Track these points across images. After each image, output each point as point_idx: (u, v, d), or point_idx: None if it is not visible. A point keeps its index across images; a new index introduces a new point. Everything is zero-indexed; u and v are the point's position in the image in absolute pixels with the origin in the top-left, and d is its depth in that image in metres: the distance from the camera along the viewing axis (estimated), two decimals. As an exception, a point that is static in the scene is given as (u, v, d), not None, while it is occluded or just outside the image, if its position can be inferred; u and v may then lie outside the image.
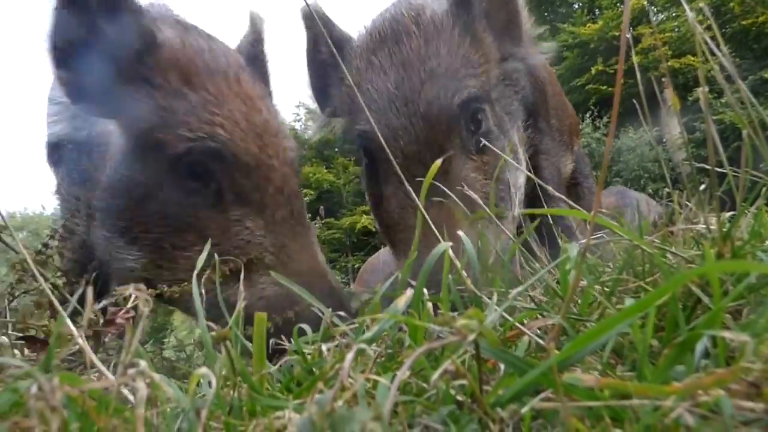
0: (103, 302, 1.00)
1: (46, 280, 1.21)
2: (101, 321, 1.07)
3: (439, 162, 1.03)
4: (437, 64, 1.51)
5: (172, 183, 1.32)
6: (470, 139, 1.53)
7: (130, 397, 0.65)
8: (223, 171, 1.32)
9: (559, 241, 1.25)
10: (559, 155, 2.25)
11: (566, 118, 2.48)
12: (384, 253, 3.87)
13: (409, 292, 0.69)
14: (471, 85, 1.54)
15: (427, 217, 1.01)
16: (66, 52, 1.30)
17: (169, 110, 1.31)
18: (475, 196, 1.19)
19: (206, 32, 1.56)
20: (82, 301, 1.32)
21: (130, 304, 0.67)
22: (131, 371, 0.48)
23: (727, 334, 0.52)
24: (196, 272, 0.86)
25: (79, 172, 1.52)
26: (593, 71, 15.89)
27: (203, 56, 1.40)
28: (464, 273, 0.82)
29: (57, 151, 1.62)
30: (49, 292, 1.05)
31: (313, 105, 1.96)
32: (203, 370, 0.50)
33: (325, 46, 1.76)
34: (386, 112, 1.49)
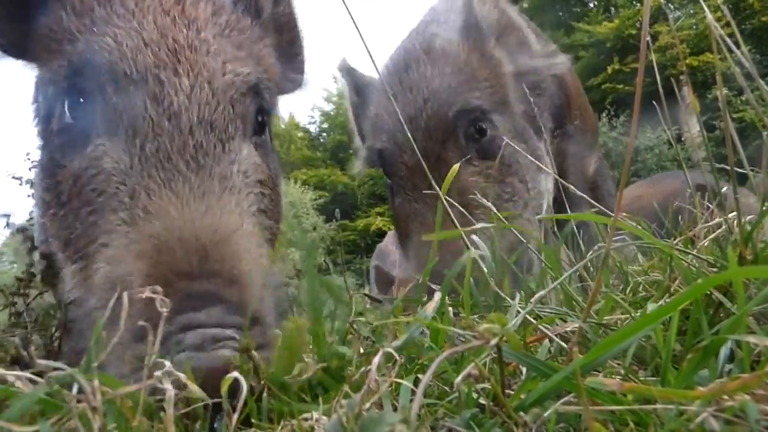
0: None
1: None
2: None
3: (456, 166, 1.05)
4: (439, 83, 1.70)
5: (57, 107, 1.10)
6: (472, 147, 1.68)
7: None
8: (94, 86, 1.04)
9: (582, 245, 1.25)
10: (584, 157, 2.28)
11: (589, 118, 2.48)
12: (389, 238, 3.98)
13: (437, 297, 0.70)
14: (473, 97, 1.70)
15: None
16: None
17: (70, 31, 1.08)
18: (485, 202, 1.23)
19: None
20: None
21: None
22: (157, 373, 0.49)
23: (751, 339, 0.52)
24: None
25: None
26: (609, 70, 15.71)
27: None
28: (490, 278, 0.82)
29: None
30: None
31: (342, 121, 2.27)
32: (234, 374, 0.52)
33: (355, 93, 2.11)
34: (395, 131, 1.68)
